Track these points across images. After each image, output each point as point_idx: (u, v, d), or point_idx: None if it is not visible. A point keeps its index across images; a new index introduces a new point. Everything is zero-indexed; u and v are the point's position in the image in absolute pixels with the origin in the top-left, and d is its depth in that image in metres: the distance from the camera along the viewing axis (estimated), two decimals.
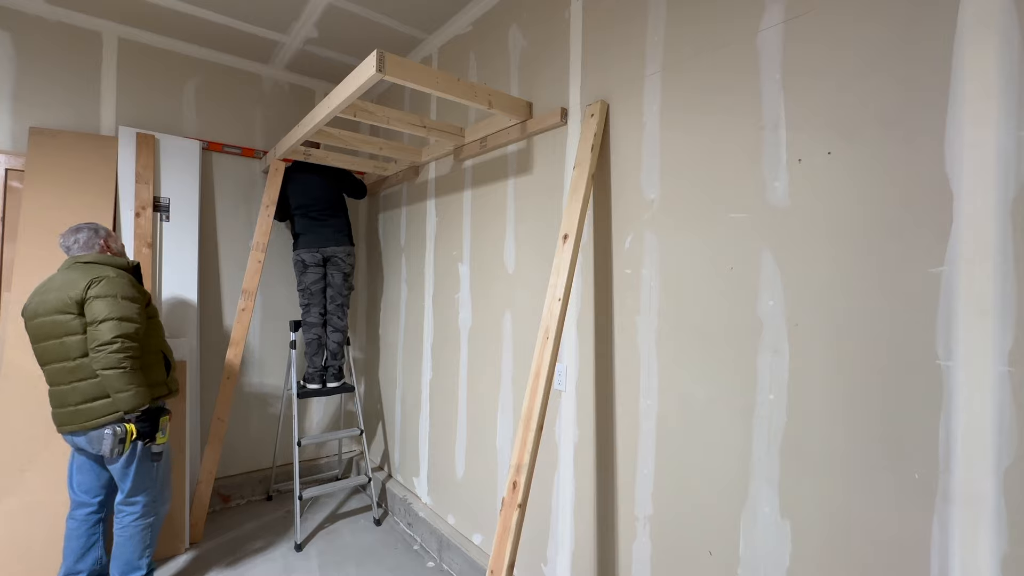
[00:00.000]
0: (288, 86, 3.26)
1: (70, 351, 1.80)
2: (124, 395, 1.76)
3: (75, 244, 1.94)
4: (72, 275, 1.83)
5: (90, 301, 1.78)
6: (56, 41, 2.53)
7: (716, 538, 1.38)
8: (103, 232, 2.01)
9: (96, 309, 1.76)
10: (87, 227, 1.98)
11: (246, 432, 3.11)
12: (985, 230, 0.96)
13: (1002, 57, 0.95)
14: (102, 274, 1.83)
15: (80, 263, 1.88)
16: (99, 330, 1.74)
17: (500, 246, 2.21)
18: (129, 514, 1.95)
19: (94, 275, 1.82)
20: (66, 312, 1.78)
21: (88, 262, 1.89)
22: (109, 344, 1.74)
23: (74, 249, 1.94)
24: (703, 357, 1.42)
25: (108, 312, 1.76)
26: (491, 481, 2.23)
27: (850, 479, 1.13)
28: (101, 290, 1.79)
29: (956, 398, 0.99)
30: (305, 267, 2.84)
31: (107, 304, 1.77)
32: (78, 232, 1.95)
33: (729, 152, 1.38)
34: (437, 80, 1.72)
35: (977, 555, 0.96)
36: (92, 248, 1.96)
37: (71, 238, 1.94)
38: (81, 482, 1.95)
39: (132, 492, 1.93)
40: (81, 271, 1.85)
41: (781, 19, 1.27)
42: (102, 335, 1.74)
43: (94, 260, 1.90)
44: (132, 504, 1.95)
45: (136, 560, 1.97)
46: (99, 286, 1.79)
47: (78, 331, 1.79)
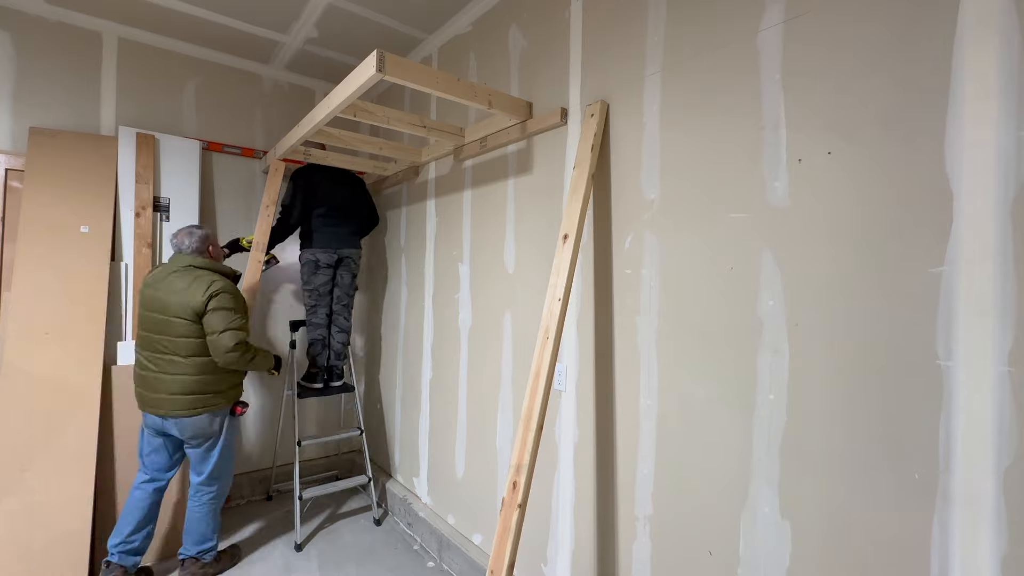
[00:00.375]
0: (288, 86, 3.26)
1: (181, 348, 2.05)
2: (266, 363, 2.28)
3: (187, 247, 2.17)
4: (189, 281, 2.07)
5: (209, 314, 2.05)
6: (56, 41, 2.53)
7: (716, 538, 1.38)
8: (211, 237, 2.26)
9: (215, 321, 2.04)
10: (199, 231, 2.21)
11: (246, 432, 3.11)
12: (985, 230, 0.96)
13: (1002, 57, 0.95)
14: (219, 289, 2.08)
15: (195, 267, 2.12)
16: (221, 338, 2.04)
17: (500, 246, 2.21)
18: (207, 493, 2.21)
19: (213, 289, 2.06)
20: (184, 318, 2.04)
21: (202, 268, 2.13)
22: (233, 350, 2.05)
23: (186, 250, 2.16)
24: (703, 357, 1.42)
25: (227, 323, 2.06)
26: (491, 481, 2.23)
27: (850, 479, 1.13)
28: (219, 303, 2.06)
29: (956, 398, 0.99)
30: (318, 267, 2.80)
31: (224, 317, 2.06)
32: (192, 235, 2.18)
33: (729, 152, 1.38)
34: (437, 80, 1.72)
35: (977, 555, 0.96)
36: (202, 252, 2.19)
37: (185, 240, 2.17)
38: (155, 460, 2.17)
39: (213, 473, 2.20)
40: (198, 278, 2.08)
41: (781, 19, 1.27)
42: (225, 343, 2.04)
43: (207, 267, 2.14)
44: (211, 485, 2.21)
45: (211, 534, 2.24)
46: (217, 299, 2.06)
47: (192, 335, 2.05)
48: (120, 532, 2.09)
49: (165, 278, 2.09)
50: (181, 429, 2.08)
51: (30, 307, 2.23)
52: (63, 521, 2.12)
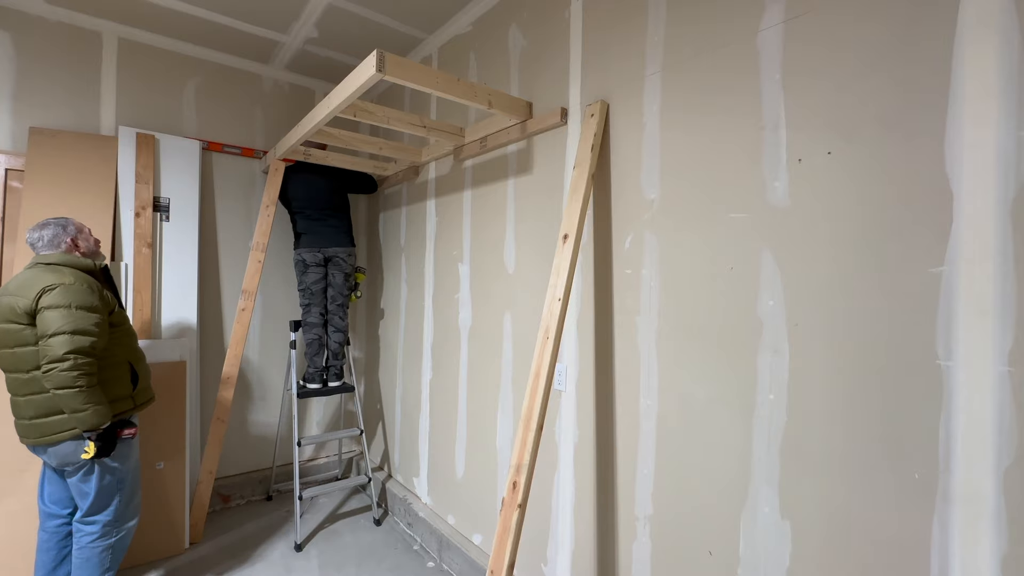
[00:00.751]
0: (288, 86, 3.26)
1: (21, 363, 1.66)
2: (81, 415, 1.63)
3: (40, 241, 1.78)
4: (31, 279, 1.67)
5: (41, 312, 1.61)
6: (56, 41, 2.53)
7: (716, 538, 1.38)
8: (72, 229, 1.83)
9: (47, 321, 1.60)
10: (54, 223, 1.81)
11: (246, 432, 3.11)
12: (985, 230, 0.96)
13: (1002, 57, 0.95)
14: (57, 280, 1.66)
15: (42, 264, 1.73)
16: (49, 345, 1.58)
17: (500, 246, 2.21)
18: (87, 534, 1.79)
19: (48, 282, 1.65)
20: (15, 322, 1.63)
21: (50, 263, 1.73)
22: (60, 361, 1.58)
23: (39, 246, 1.78)
24: (703, 357, 1.42)
25: (60, 325, 1.60)
26: (491, 481, 2.23)
27: (850, 479, 1.13)
28: (53, 300, 1.62)
29: (956, 398, 0.99)
30: (306, 267, 2.83)
31: (59, 315, 1.61)
32: (44, 228, 1.78)
33: (729, 152, 1.38)
34: (437, 80, 1.72)
35: (977, 555, 0.96)
36: (58, 247, 1.79)
37: (36, 234, 1.78)
38: (51, 493, 1.85)
39: (90, 511, 1.78)
40: (39, 274, 1.68)
41: (781, 19, 1.27)
42: (52, 351, 1.58)
43: (57, 262, 1.74)
44: (90, 523, 1.79)
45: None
46: (51, 295, 1.62)
47: (30, 342, 1.65)
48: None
49: (9, 282, 1.72)
50: (50, 458, 1.72)
51: None
52: None
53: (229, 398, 2.66)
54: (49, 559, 1.83)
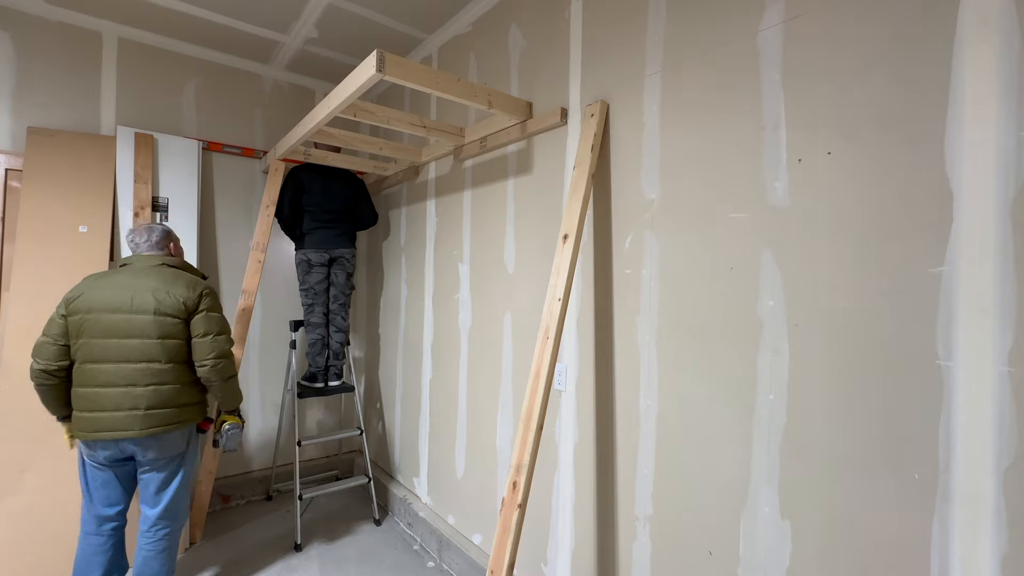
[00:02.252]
0: (288, 86, 3.26)
1: (159, 354, 1.77)
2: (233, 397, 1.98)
3: (146, 243, 1.93)
4: (162, 277, 1.83)
5: (204, 314, 1.85)
6: (56, 41, 2.52)
7: (716, 538, 1.38)
8: (174, 236, 2.04)
9: (211, 323, 1.86)
10: (160, 228, 1.98)
11: (246, 432, 3.11)
12: (985, 230, 0.96)
13: (1002, 57, 0.95)
14: (208, 288, 1.92)
15: (166, 266, 1.89)
16: (217, 341, 1.86)
17: (500, 246, 2.21)
18: (163, 528, 1.89)
19: (205, 287, 1.90)
20: (172, 316, 1.79)
21: (173, 266, 1.91)
22: (225, 357, 1.88)
23: (142, 247, 1.92)
24: (703, 357, 1.42)
25: (222, 326, 1.90)
26: (491, 481, 2.23)
27: (850, 479, 1.13)
28: (213, 303, 1.91)
29: (956, 398, 0.99)
30: (310, 267, 2.83)
31: (220, 320, 1.91)
32: (152, 231, 1.95)
33: (729, 152, 1.38)
34: (437, 80, 1.72)
35: (977, 555, 0.96)
36: (163, 250, 1.96)
37: (143, 236, 1.93)
38: (107, 496, 1.85)
39: (172, 504, 1.89)
40: (175, 277, 1.86)
41: (781, 19, 1.27)
42: (220, 347, 1.87)
43: (179, 266, 1.94)
44: (168, 519, 1.90)
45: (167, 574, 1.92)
46: (210, 298, 1.90)
47: (179, 336, 1.81)
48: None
49: (125, 278, 1.81)
50: (144, 450, 1.79)
51: (29, 307, 2.23)
52: (63, 522, 2.12)
53: None
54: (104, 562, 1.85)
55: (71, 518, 2.13)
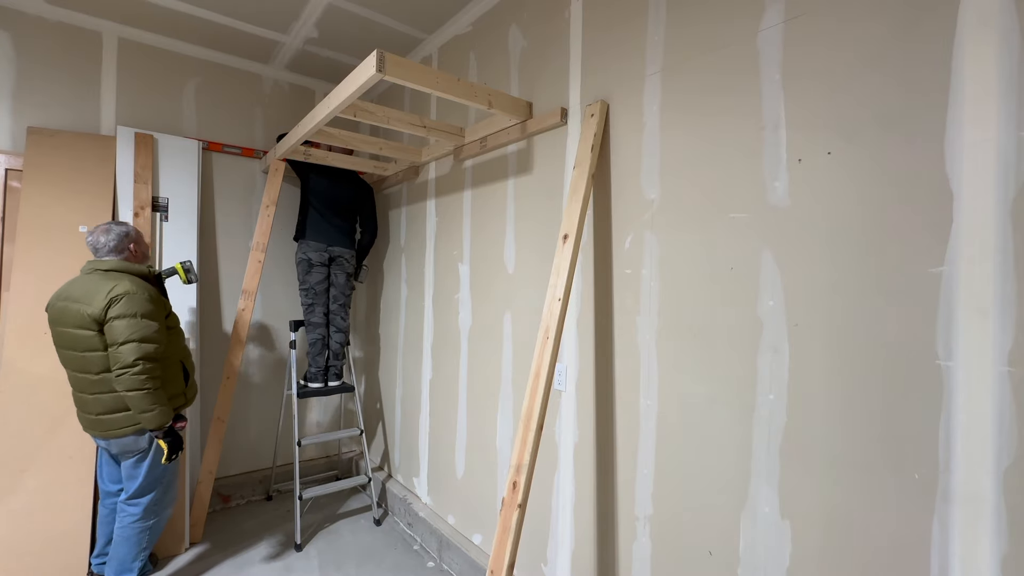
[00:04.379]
0: (288, 86, 3.25)
1: (90, 365, 1.82)
2: (148, 415, 1.81)
3: (104, 247, 1.91)
4: (92, 285, 1.81)
5: (110, 322, 1.76)
6: (56, 41, 2.52)
7: (716, 538, 1.38)
8: (134, 235, 1.99)
9: (116, 331, 1.76)
10: (117, 228, 1.93)
11: (246, 432, 3.11)
12: (985, 230, 0.96)
13: (1002, 57, 0.95)
14: (122, 291, 1.79)
15: (100, 271, 1.86)
16: (120, 352, 1.75)
17: (500, 246, 2.21)
18: (129, 515, 1.96)
19: (114, 293, 1.78)
20: (86, 328, 1.78)
21: (108, 270, 1.86)
22: (131, 367, 1.75)
23: (102, 252, 1.91)
24: (703, 357, 1.42)
25: (128, 334, 1.76)
26: (491, 481, 2.23)
27: (850, 479, 1.13)
28: (120, 310, 1.77)
29: (956, 398, 0.99)
30: (311, 266, 2.83)
31: (127, 325, 1.76)
32: (108, 233, 1.91)
33: (729, 152, 1.38)
34: (437, 80, 1.72)
35: (977, 555, 0.96)
36: (121, 252, 1.93)
37: (101, 239, 1.90)
38: (110, 473, 2.07)
39: (137, 493, 1.96)
40: (101, 282, 1.81)
41: (781, 19, 1.27)
42: (124, 358, 1.74)
43: (115, 268, 1.87)
44: (134, 504, 1.96)
45: (129, 562, 1.97)
46: (118, 306, 1.77)
47: (98, 347, 1.80)
48: (97, 545, 2.10)
49: (71, 286, 1.85)
50: (109, 446, 1.93)
51: (29, 307, 2.23)
52: (63, 522, 2.12)
53: (229, 398, 2.66)
54: (109, 531, 2.08)
55: (71, 518, 2.14)
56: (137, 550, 1.98)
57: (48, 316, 1.86)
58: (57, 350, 1.87)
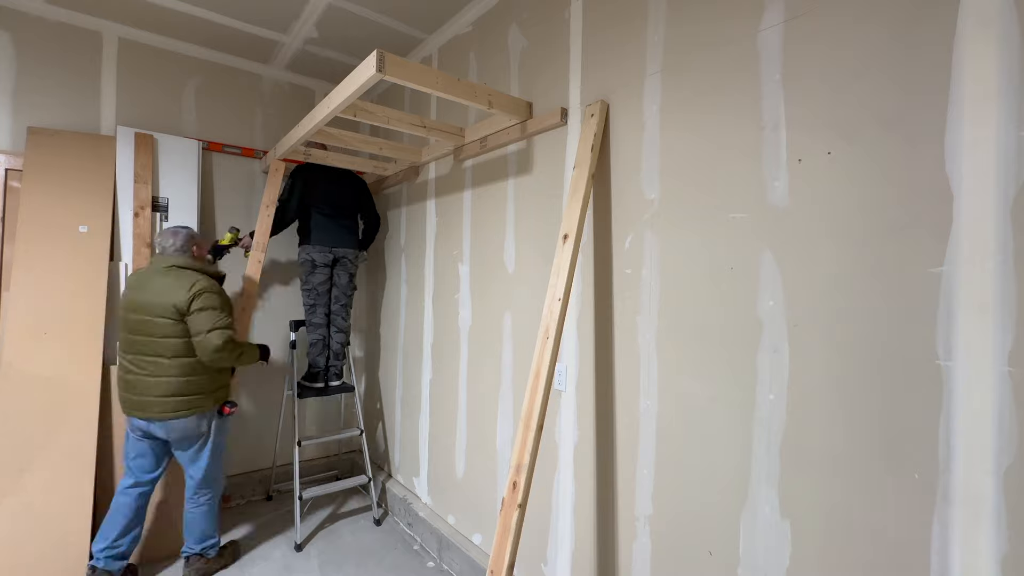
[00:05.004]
0: (288, 86, 3.25)
1: (165, 350, 2.01)
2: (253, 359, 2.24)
3: (171, 247, 2.13)
4: (172, 279, 2.04)
5: (195, 314, 2.01)
6: (56, 41, 2.52)
7: (716, 538, 1.38)
8: (197, 237, 2.23)
9: (202, 321, 2.01)
10: (184, 231, 2.18)
11: (246, 432, 3.11)
12: (985, 230, 0.96)
13: (1002, 57, 0.95)
14: (205, 287, 2.05)
15: (177, 267, 2.09)
16: (209, 338, 2.00)
17: (500, 246, 2.21)
18: (204, 495, 2.22)
19: (198, 288, 2.03)
20: (168, 318, 2.00)
21: (183, 267, 2.09)
22: (222, 349, 2.02)
23: (169, 251, 2.13)
24: (703, 357, 1.42)
25: (214, 323, 2.02)
26: (491, 481, 2.23)
27: (850, 479, 1.13)
28: (204, 303, 2.03)
29: (956, 398, 0.99)
30: (314, 267, 2.82)
31: (212, 316, 2.03)
32: (176, 235, 2.15)
33: (729, 152, 1.38)
34: (437, 80, 1.72)
35: (977, 555, 0.96)
36: (185, 252, 2.15)
37: (168, 239, 2.13)
38: (141, 464, 2.13)
39: (207, 475, 2.19)
40: (180, 278, 2.05)
41: (781, 19, 1.27)
42: (213, 343, 2.00)
43: (189, 266, 2.10)
44: (206, 487, 2.22)
45: (212, 531, 2.27)
46: (202, 299, 2.03)
47: (176, 335, 2.01)
48: (106, 537, 2.05)
49: (148, 279, 2.07)
50: (167, 432, 2.05)
51: (29, 307, 2.23)
52: (63, 522, 2.12)
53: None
54: (125, 521, 2.09)
55: (71, 517, 2.14)
56: (216, 520, 2.28)
57: (123, 306, 2.06)
58: (125, 335, 2.05)
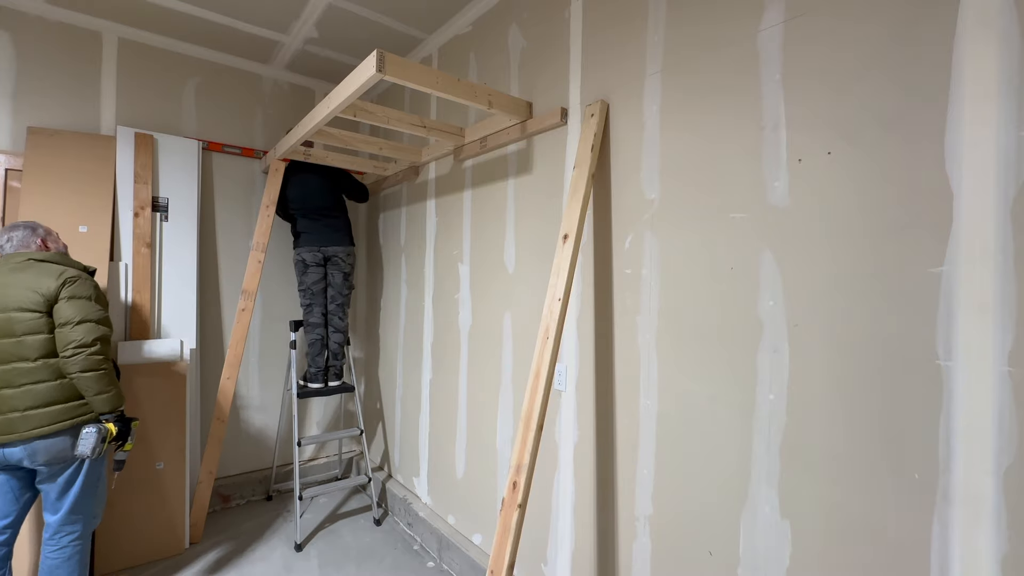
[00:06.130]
0: (288, 86, 3.25)
1: (27, 351, 1.64)
2: (104, 396, 1.69)
3: (8, 243, 1.78)
4: (31, 273, 1.68)
5: (64, 301, 1.66)
6: (56, 41, 2.52)
7: (716, 538, 1.38)
8: (41, 231, 1.85)
9: (72, 310, 1.66)
10: (23, 225, 1.82)
11: (246, 432, 3.11)
12: (985, 230, 0.96)
13: (1002, 57, 0.95)
14: (75, 274, 1.72)
15: (35, 260, 1.73)
16: (76, 331, 1.65)
17: (500, 246, 2.21)
18: (69, 534, 1.74)
19: (69, 275, 1.70)
20: (31, 310, 1.65)
21: (44, 260, 1.73)
22: (90, 346, 1.65)
23: (7, 248, 1.77)
24: (703, 357, 1.42)
25: (85, 313, 1.68)
26: (491, 481, 2.23)
27: (850, 479, 1.13)
28: (76, 290, 1.69)
29: (956, 398, 0.99)
30: (306, 267, 2.84)
31: (83, 305, 1.68)
32: (12, 230, 1.80)
33: (729, 152, 1.38)
34: (437, 80, 1.72)
35: (977, 555, 0.96)
36: (28, 247, 1.79)
37: (4, 236, 1.78)
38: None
39: (73, 509, 1.73)
40: (43, 270, 1.70)
41: (781, 19, 1.27)
42: (81, 337, 1.64)
43: (52, 259, 1.75)
44: (73, 523, 1.75)
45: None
46: (74, 286, 1.69)
47: (41, 330, 1.66)
48: None
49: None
50: (33, 454, 1.64)
51: None
52: None
53: (229, 398, 2.66)
54: None
55: None
56: (84, 569, 1.78)
57: None
58: None
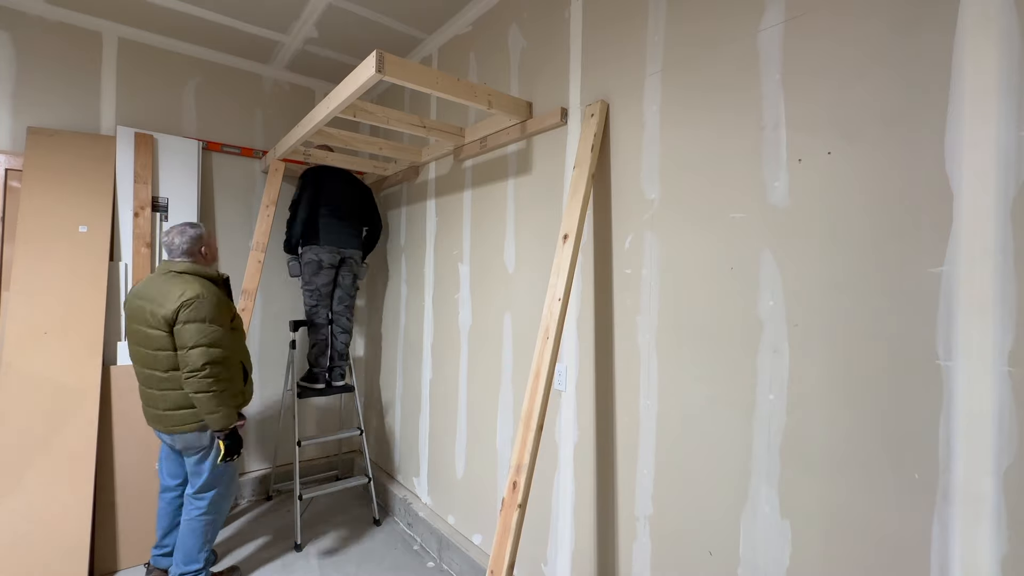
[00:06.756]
0: (288, 86, 3.26)
1: (159, 363, 1.89)
2: (213, 417, 1.88)
3: (177, 249, 1.97)
4: (166, 287, 1.88)
5: (181, 325, 1.83)
6: (56, 41, 2.52)
7: (716, 538, 1.38)
8: (206, 238, 2.06)
9: (186, 335, 1.83)
10: (192, 232, 2.00)
11: (246, 432, 3.11)
12: (985, 230, 0.96)
13: (1002, 57, 0.95)
14: (192, 295, 1.85)
15: (174, 272, 1.93)
16: (189, 356, 1.83)
17: (500, 246, 2.21)
18: (196, 508, 2.05)
19: (185, 297, 1.84)
20: (157, 328, 1.86)
21: (180, 272, 1.93)
22: (199, 371, 1.83)
23: (175, 253, 1.98)
24: (703, 357, 1.42)
25: (197, 338, 1.83)
26: (491, 481, 2.23)
27: (850, 479, 1.13)
28: (190, 315, 1.84)
29: (956, 398, 0.99)
30: (320, 267, 2.81)
31: (196, 330, 1.84)
32: (183, 235, 1.98)
33: (729, 152, 1.38)
34: (437, 80, 1.72)
35: (977, 555, 0.96)
36: (191, 255, 1.99)
37: (176, 240, 1.98)
38: (169, 468, 2.14)
39: (202, 488, 2.04)
40: (173, 284, 1.88)
41: (781, 19, 1.27)
42: (193, 361, 1.82)
43: (187, 271, 1.94)
44: (200, 499, 2.05)
45: (196, 553, 2.06)
46: (188, 310, 1.83)
47: (168, 347, 1.87)
48: (157, 536, 2.16)
49: (147, 287, 1.93)
50: (174, 442, 2.00)
51: (29, 307, 2.23)
52: (62, 523, 2.11)
53: None
54: (167, 523, 2.15)
55: (70, 518, 2.13)
56: (203, 542, 2.07)
57: (125, 313, 2.01)
58: (129, 346, 1.97)
